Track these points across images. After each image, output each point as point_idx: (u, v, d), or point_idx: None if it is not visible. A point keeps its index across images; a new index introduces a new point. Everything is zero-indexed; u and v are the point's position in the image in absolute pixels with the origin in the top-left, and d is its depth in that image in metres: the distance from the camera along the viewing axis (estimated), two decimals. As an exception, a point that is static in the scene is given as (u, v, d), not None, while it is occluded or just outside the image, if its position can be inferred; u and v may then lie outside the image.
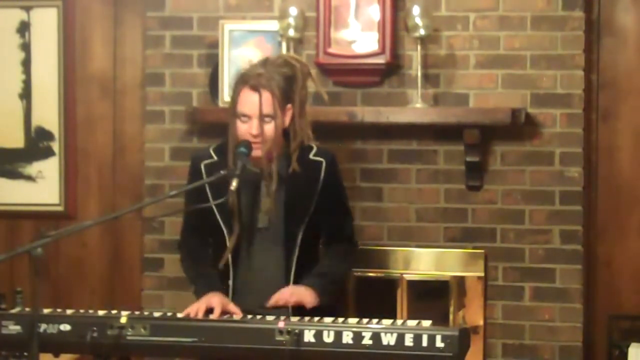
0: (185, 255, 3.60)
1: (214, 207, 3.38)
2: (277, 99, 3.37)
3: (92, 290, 4.98)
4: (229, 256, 3.44)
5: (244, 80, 3.41)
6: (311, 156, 3.48)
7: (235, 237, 3.42)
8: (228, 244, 3.43)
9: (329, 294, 3.41)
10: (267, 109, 3.36)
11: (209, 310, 3.27)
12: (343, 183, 3.63)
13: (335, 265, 3.51)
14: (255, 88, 3.36)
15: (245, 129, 3.37)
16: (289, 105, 3.43)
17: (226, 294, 3.41)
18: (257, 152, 3.37)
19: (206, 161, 3.49)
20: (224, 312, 3.28)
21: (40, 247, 2.77)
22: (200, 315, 3.24)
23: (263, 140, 3.36)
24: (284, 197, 3.44)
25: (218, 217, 3.43)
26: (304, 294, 3.34)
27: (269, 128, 3.37)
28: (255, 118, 3.35)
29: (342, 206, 3.60)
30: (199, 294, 3.39)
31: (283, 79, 3.41)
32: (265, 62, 3.46)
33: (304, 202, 3.44)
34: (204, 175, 3.45)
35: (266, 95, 3.36)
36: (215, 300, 3.30)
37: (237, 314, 3.29)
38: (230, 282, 3.45)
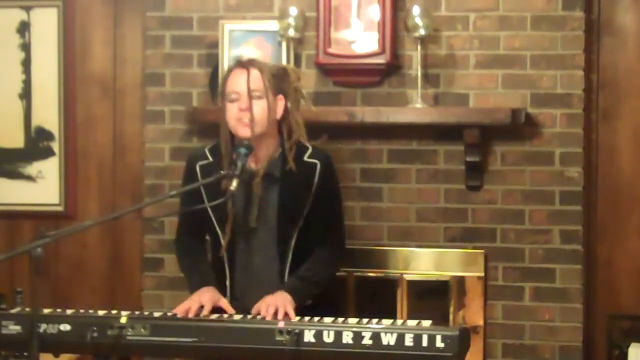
0: (180, 252, 3.61)
1: (208, 208, 3.38)
2: (267, 78, 3.38)
3: (92, 290, 4.98)
4: (225, 256, 3.45)
5: (234, 63, 3.46)
6: (306, 158, 3.46)
7: (228, 238, 3.42)
8: (222, 243, 3.43)
9: (307, 297, 3.40)
10: (255, 84, 3.36)
11: (201, 308, 3.28)
12: (338, 186, 3.59)
13: (319, 269, 3.47)
14: (245, 66, 3.40)
15: (234, 108, 3.36)
16: (281, 96, 3.43)
17: (222, 292, 3.42)
18: (245, 131, 3.34)
19: (201, 162, 3.50)
20: (216, 308, 3.29)
21: (40, 247, 2.77)
22: (192, 313, 3.24)
23: (252, 118, 3.34)
24: (278, 199, 3.43)
25: (212, 217, 3.43)
26: (282, 304, 3.25)
27: (259, 106, 3.36)
28: (245, 93, 3.35)
29: (332, 210, 3.55)
30: (192, 289, 3.40)
31: (275, 68, 3.46)
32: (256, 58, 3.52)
33: (298, 204, 3.43)
34: (199, 176, 3.45)
35: (255, 72, 3.38)
36: (206, 297, 3.31)
37: (229, 310, 3.30)
38: (227, 282, 3.46)
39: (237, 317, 3.26)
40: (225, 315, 3.27)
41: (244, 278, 3.47)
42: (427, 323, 3.11)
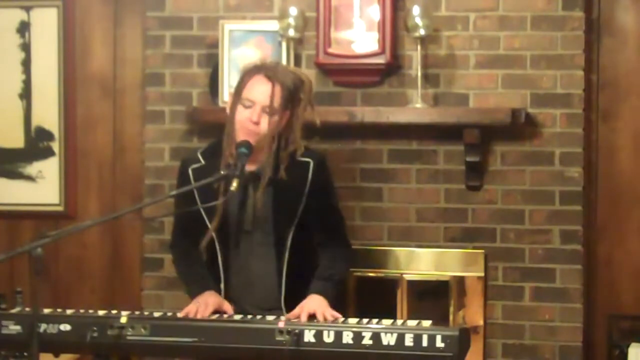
0: (177, 257, 3.62)
1: (201, 209, 3.37)
2: (285, 97, 3.36)
3: (92, 290, 4.98)
4: (219, 259, 3.45)
5: (259, 68, 3.41)
6: (298, 157, 3.46)
7: (208, 237, 3.41)
8: (217, 245, 3.44)
9: (335, 297, 3.40)
10: (276, 101, 3.35)
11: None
12: (333, 184, 3.60)
13: (337, 267, 3.49)
14: (270, 78, 3.36)
15: (247, 115, 3.35)
16: (288, 112, 3.42)
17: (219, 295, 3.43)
18: (249, 138, 3.33)
19: (194, 165, 3.50)
20: (218, 311, 3.29)
21: (40, 247, 2.77)
22: (199, 316, 3.24)
23: (260, 131, 3.34)
24: (272, 199, 3.42)
25: (205, 219, 3.42)
26: (321, 308, 3.26)
27: (270, 122, 3.36)
28: (260, 106, 3.34)
29: (332, 208, 3.56)
30: (192, 295, 3.41)
31: (293, 84, 3.41)
32: (278, 62, 3.48)
33: (292, 204, 3.43)
34: (192, 180, 3.45)
35: (278, 88, 3.35)
36: (210, 299, 3.32)
37: (230, 313, 3.30)
38: (222, 285, 3.46)
39: (237, 317, 3.27)
40: (225, 315, 3.28)
41: (239, 280, 3.47)
42: (427, 323, 3.11)
